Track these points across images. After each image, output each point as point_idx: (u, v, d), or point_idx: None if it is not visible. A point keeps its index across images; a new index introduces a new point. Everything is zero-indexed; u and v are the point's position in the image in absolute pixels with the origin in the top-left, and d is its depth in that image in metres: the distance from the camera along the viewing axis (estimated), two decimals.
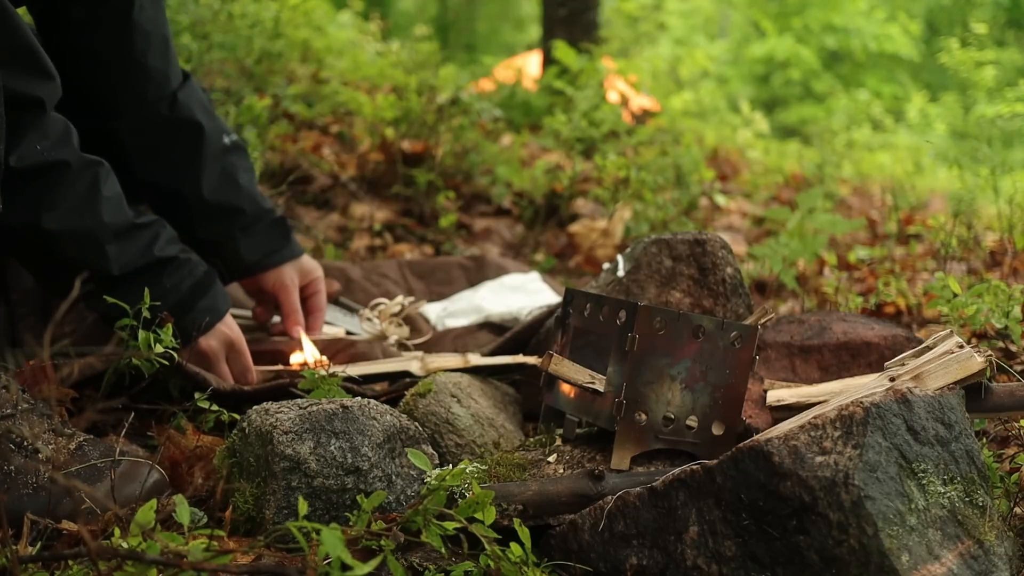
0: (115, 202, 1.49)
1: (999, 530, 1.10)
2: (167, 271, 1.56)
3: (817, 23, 16.19)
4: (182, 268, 1.58)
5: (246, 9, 3.69)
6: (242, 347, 1.68)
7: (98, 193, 1.46)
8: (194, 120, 1.75)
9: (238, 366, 1.69)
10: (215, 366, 1.65)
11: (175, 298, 1.56)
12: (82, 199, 1.44)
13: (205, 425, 1.57)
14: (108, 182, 1.49)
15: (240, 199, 1.81)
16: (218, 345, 1.64)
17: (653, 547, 1.13)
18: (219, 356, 1.65)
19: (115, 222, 1.48)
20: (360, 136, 3.77)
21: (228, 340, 1.65)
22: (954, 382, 1.23)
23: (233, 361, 1.68)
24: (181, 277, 1.57)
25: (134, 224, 1.52)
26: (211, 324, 1.61)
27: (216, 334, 1.63)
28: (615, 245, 3.11)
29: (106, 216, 1.47)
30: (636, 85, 5.41)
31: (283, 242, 1.87)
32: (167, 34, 1.74)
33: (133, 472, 1.29)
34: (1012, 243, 2.64)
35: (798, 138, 8.57)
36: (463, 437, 1.51)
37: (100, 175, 1.47)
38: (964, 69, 5.20)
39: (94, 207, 1.45)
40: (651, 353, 1.32)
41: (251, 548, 1.12)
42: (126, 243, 1.50)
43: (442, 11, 16.87)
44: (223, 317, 1.64)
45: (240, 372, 1.69)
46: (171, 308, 1.54)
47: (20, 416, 1.29)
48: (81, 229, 1.45)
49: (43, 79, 1.39)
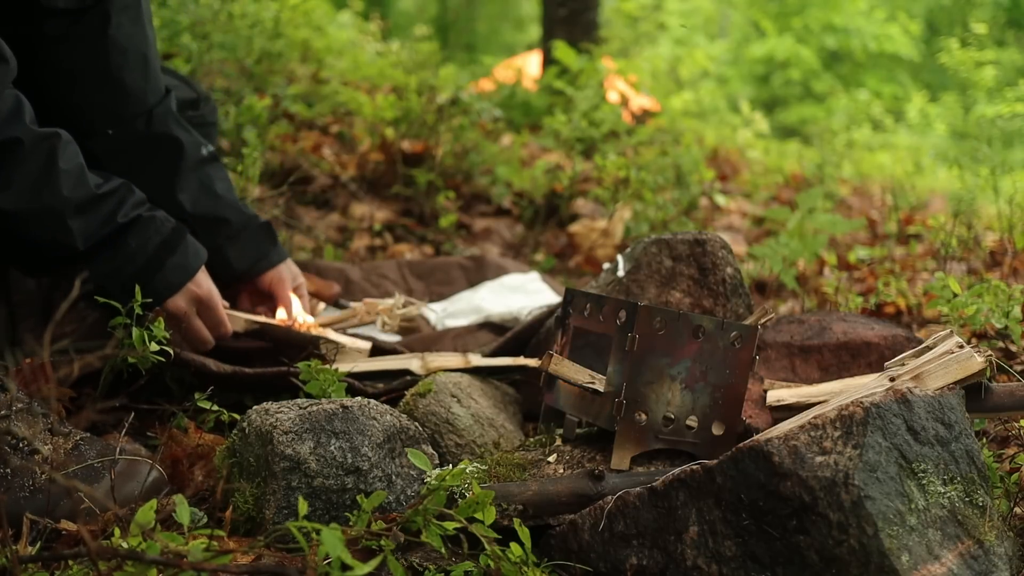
0: (75, 175, 1.44)
1: (999, 530, 1.10)
2: (132, 232, 1.51)
3: (817, 23, 16.18)
4: (147, 227, 1.53)
5: (246, 9, 3.69)
6: (212, 301, 1.64)
7: (55, 167, 1.41)
8: (171, 135, 1.74)
9: (210, 320, 1.66)
10: (187, 326, 1.63)
11: (143, 258, 1.52)
12: (38, 175, 1.39)
13: (206, 425, 1.57)
14: (66, 154, 1.43)
15: (222, 209, 1.80)
16: (186, 303, 1.61)
17: (653, 547, 1.13)
18: (189, 314, 1.62)
19: (76, 195, 1.44)
20: (360, 136, 3.77)
21: (196, 297, 1.62)
22: (954, 382, 1.23)
23: (205, 317, 1.65)
24: (147, 236, 1.53)
25: (96, 195, 1.47)
26: (181, 283, 1.58)
27: (183, 292, 1.60)
28: (615, 245, 3.11)
29: (66, 190, 1.42)
30: (636, 85, 5.41)
31: (270, 246, 1.87)
32: (147, 51, 1.71)
33: (132, 471, 1.29)
34: (1012, 243, 2.64)
35: (798, 138, 8.57)
36: (463, 437, 1.51)
37: (58, 148, 1.42)
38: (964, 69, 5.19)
39: (52, 182, 1.40)
40: (651, 353, 1.32)
41: (251, 548, 1.12)
42: (90, 215, 1.46)
43: (442, 11, 16.87)
44: (195, 275, 1.60)
45: (213, 326, 1.66)
46: (140, 269, 1.51)
47: (17, 416, 1.29)
48: (40, 207, 1.40)
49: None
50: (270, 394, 1.58)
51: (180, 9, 3.35)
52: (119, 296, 1.45)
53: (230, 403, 1.62)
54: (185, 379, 1.67)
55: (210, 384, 1.57)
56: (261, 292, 1.89)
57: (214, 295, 1.65)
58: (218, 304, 1.66)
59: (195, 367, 1.63)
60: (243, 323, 1.73)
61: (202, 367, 1.63)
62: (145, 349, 1.45)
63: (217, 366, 1.64)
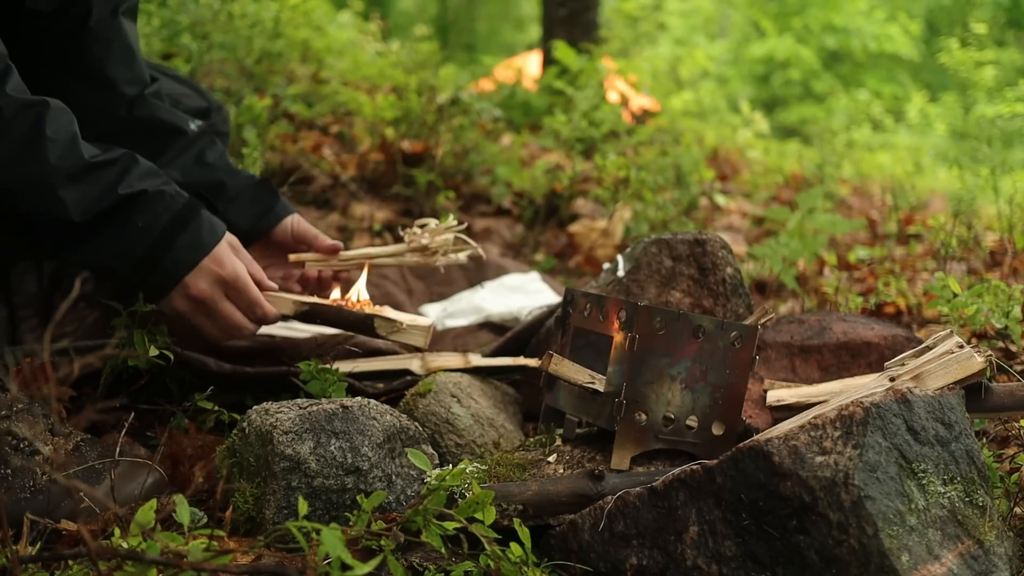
0: (65, 143, 1.35)
1: (999, 530, 1.10)
2: (137, 209, 1.40)
3: (817, 23, 16.19)
4: (155, 203, 1.41)
5: (246, 9, 3.70)
6: (239, 281, 1.48)
7: (41, 135, 1.32)
8: (155, 117, 1.70)
9: (242, 303, 1.50)
10: (216, 311, 1.48)
11: (150, 237, 1.40)
12: (22, 145, 1.32)
13: (206, 425, 1.57)
14: (54, 122, 1.35)
15: (215, 174, 1.72)
16: (209, 286, 1.46)
17: (653, 547, 1.13)
18: (215, 297, 1.47)
19: (66, 164, 1.34)
20: (360, 136, 3.78)
21: (219, 278, 1.46)
22: (954, 382, 1.24)
23: (236, 299, 1.50)
24: (156, 213, 1.41)
25: (92, 163, 1.37)
26: (194, 261, 1.44)
27: (204, 273, 1.45)
28: (615, 245, 3.11)
29: (53, 158, 1.33)
30: (636, 85, 5.41)
31: (273, 201, 1.76)
32: (131, 42, 1.68)
33: (132, 472, 1.29)
34: (1012, 243, 2.65)
35: (798, 138, 8.57)
36: (463, 437, 1.51)
37: (45, 116, 1.34)
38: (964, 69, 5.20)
39: (38, 151, 1.32)
40: (651, 353, 1.32)
41: (251, 548, 1.12)
42: (84, 185, 1.36)
43: (442, 11, 16.88)
44: (211, 251, 1.45)
45: (247, 308, 1.51)
46: (149, 248, 1.40)
47: (18, 416, 1.29)
48: (26, 177, 1.32)
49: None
50: (270, 394, 1.58)
51: (180, 9, 3.35)
52: (131, 279, 1.39)
53: (230, 403, 1.62)
54: (185, 378, 1.67)
55: (210, 383, 1.57)
56: (280, 249, 1.78)
57: (240, 274, 1.48)
58: (248, 284, 1.49)
59: (195, 366, 1.63)
60: (291, 305, 1.58)
61: (202, 366, 1.62)
62: (145, 352, 1.45)
63: (217, 365, 1.63)
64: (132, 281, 1.41)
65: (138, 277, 1.40)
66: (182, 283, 1.44)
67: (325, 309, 1.61)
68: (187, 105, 1.86)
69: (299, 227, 1.76)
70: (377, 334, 1.58)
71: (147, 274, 1.39)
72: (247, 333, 1.52)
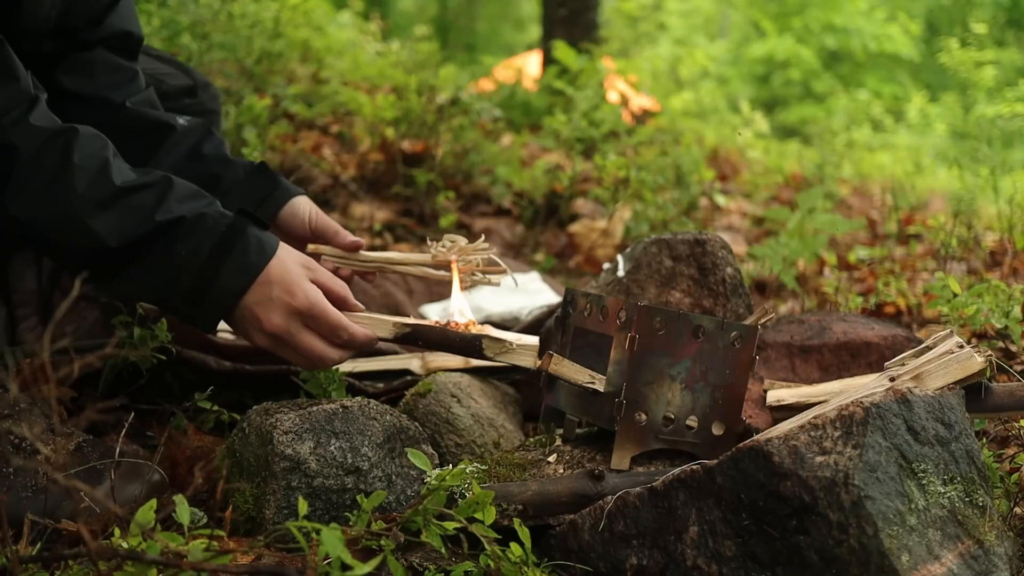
0: (94, 170, 1.28)
1: (999, 530, 1.10)
2: (178, 236, 1.29)
3: (817, 23, 16.19)
4: (196, 229, 1.30)
5: (246, 9, 3.70)
6: (315, 308, 1.33)
7: (68, 163, 1.26)
8: (142, 118, 1.64)
9: (324, 328, 1.34)
10: (295, 344, 1.34)
11: (194, 266, 1.29)
12: (49, 175, 1.26)
13: (206, 425, 1.57)
14: (83, 149, 1.28)
15: (210, 167, 1.64)
16: (283, 319, 1.32)
17: (653, 547, 1.13)
18: (292, 330, 1.33)
19: (95, 192, 1.27)
20: (360, 136, 3.78)
21: (293, 308, 1.32)
22: (954, 382, 1.24)
23: (315, 326, 1.34)
24: (197, 240, 1.30)
25: (122, 189, 1.28)
26: (243, 287, 1.31)
27: (275, 306, 1.31)
28: (615, 245, 3.11)
29: (81, 187, 1.26)
30: (636, 85, 5.41)
31: (271, 185, 1.65)
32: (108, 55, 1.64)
33: (133, 472, 1.29)
34: (1012, 243, 2.65)
35: (798, 138, 8.57)
36: (463, 437, 1.51)
37: (73, 143, 1.28)
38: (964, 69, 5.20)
39: (65, 180, 1.26)
40: (651, 353, 1.32)
41: (251, 548, 1.12)
42: (116, 212, 1.28)
43: (442, 11, 16.88)
44: (261, 272, 1.31)
45: (330, 333, 1.35)
46: (195, 278, 1.29)
47: (19, 416, 1.29)
48: (54, 208, 1.26)
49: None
50: (270, 393, 1.58)
51: (180, 9, 3.35)
52: (185, 311, 1.32)
53: (230, 403, 1.62)
54: (185, 377, 1.67)
55: (210, 382, 1.57)
56: (291, 238, 1.62)
57: (314, 301, 1.33)
58: (325, 309, 1.34)
59: (195, 364, 1.63)
60: (390, 328, 1.43)
61: (202, 364, 1.62)
62: (146, 349, 1.45)
63: (217, 363, 1.63)
64: (184, 313, 1.33)
65: (190, 308, 1.31)
66: (255, 318, 1.32)
67: (429, 331, 1.47)
68: (170, 85, 1.80)
69: (319, 220, 1.65)
70: (485, 356, 1.47)
71: (197, 305, 1.30)
72: (334, 362, 1.38)
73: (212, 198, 1.35)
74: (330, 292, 1.37)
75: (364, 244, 1.61)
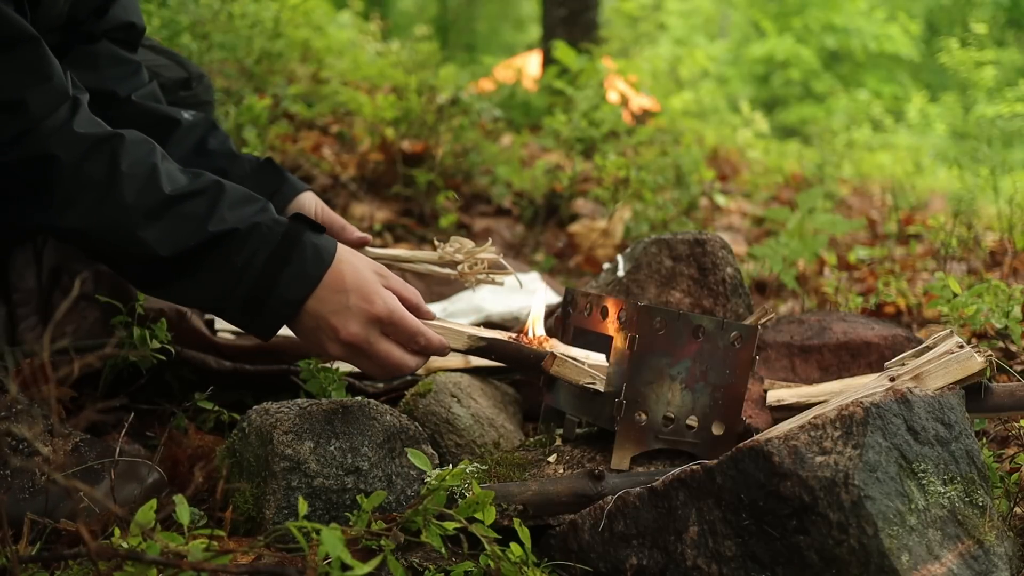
0: (142, 177, 1.23)
1: (999, 530, 1.10)
2: (233, 247, 1.25)
3: (817, 23, 16.20)
4: (251, 239, 1.25)
5: (246, 9, 3.70)
6: (394, 315, 1.28)
7: (116, 172, 1.22)
8: (148, 112, 1.64)
9: (401, 335, 1.30)
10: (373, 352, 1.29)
11: (251, 277, 1.25)
12: (96, 185, 1.22)
13: (206, 425, 1.57)
14: (130, 155, 1.24)
15: (216, 162, 1.62)
16: (362, 327, 1.27)
17: (653, 547, 1.13)
18: (371, 339, 1.28)
19: (145, 201, 1.22)
20: (360, 136, 3.78)
21: (372, 316, 1.27)
22: (954, 382, 1.24)
23: (393, 333, 1.30)
24: (253, 249, 1.25)
25: (173, 197, 1.24)
26: (302, 296, 1.26)
27: (353, 314, 1.26)
28: (615, 245, 3.11)
29: (130, 196, 1.21)
30: (636, 85, 5.42)
31: (278, 180, 1.64)
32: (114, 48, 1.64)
33: (132, 472, 1.29)
34: (1012, 243, 2.65)
35: (798, 138, 8.58)
36: (463, 437, 1.51)
37: (120, 150, 1.23)
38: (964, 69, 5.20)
39: (113, 190, 1.22)
40: (651, 353, 1.32)
41: (251, 548, 1.12)
42: (167, 222, 1.23)
43: (442, 11, 16.89)
44: (323, 277, 1.26)
45: (407, 339, 1.30)
46: (252, 289, 1.25)
47: (18, 417, 1.29)
48: (103, 218, 1.22)
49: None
50: (270, 392, 1.58)
51: (180, 9, 3.35)
52: (242, 320, 1.28)
53: (230, 403, 1.62)
54: (185, 377, 1.67)
55: (210, 381, 1.57)
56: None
57: (393, 308, 1.28)
58: (404, 316, 1.29)
59: (195, 364, 1.63)
60: (465, 340, 1.39)
61: (202, 364, 1.62)
62: (146, 349, 1.45)
63: (217, 363, 1.63)
64: (242, 323, 1.29)
65: (247, 318, 1.28)
66: (330, 328, 1.27)
67: (504, 346, 1.43)
68: (165, 77, 1.79)
69: (325, 216, 1.64)
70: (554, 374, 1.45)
71: (255, 315, 1.27)
72: (411, 369, 1.33)
73: (264, 201, 1.31)
74: (404, 299, 1.33)
75: (371, 240, 1.60)
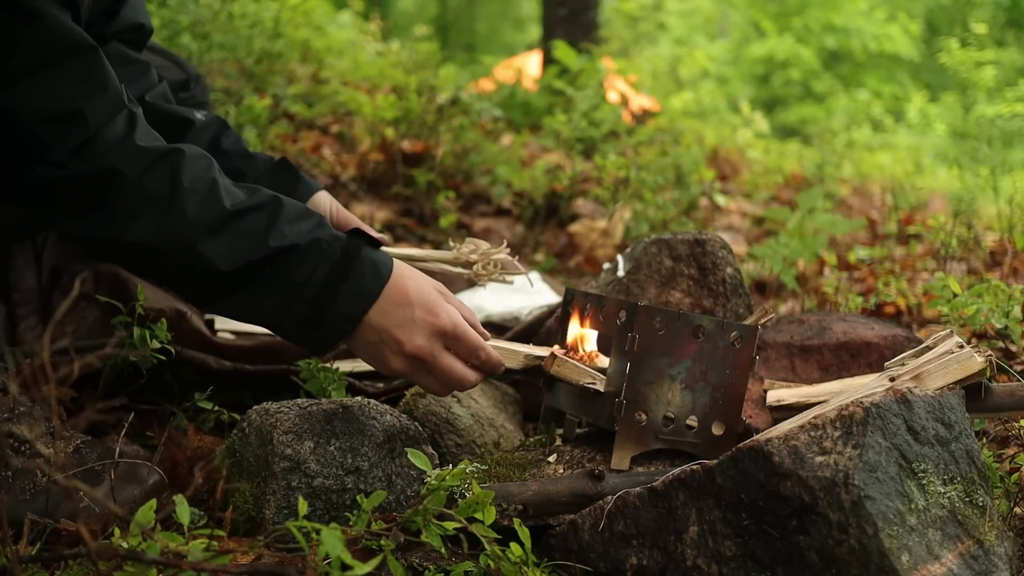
0: (204, 192, 1.23)
1: (999, 530, 1.10)
2: (292, 263, 1.25)
3: (817, 23, 16.19)
4: (311, 255, 1.25)
5: (246, 9, 3.70)
6: (458, 328, 1.29)
7: (178, 188, 1.22)
8: (162, 112, 1.63)
9: (463, 350, 1.31)
10: (436, 365, 1.30)
11: (310, 293, 1.25)
12: (159, 200, 1.22)
13: (206, 425, 1.57)
14: (191, 171, 1.24)
15: (231, 161, 1.62)
16: (427, 340, 1.28)
17: (653, 547, 1.13)
18: (435, 352, 1.29)
19: (207, 216, 1.22)
20: (360, 136, 3.78)
21: (437, 329, 1.28)
22: (954, 382, 1.23)
23: (455, 347, 1.31)
24: (312, 266, 1.25)
25: (233, 212, 1.24)
26: (360, 312, 1.27)
27: (419, 327, 1.27)
28: (615, 245, 3.11)
29: (192, 212, 1.21)
30: (636, 85, 5.42)
31: (293, 180, 1.65)
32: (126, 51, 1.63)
33: (132, 473, 1.29)
34: (1012, 243, 2.65)
35: (798, 138, 8.58)
36: (463, 437, 1.51)
37: (181, 165, 1.23)
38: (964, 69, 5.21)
39: (176, 205, 1.22)
40: (651, 353, 1.32)
41: (251, 548, 1.12)
42: (228, 237, 1.23)
43: (442, 11, 16.89)
44: (381, 292, 1.27)
45: (469, 354, 1.32)
46: (312, 306, 1.26)
47: (19, 418, 1.29)
48: (166, 234, 1.22)
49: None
50: (270, 393, 1.58)
51: (180, 9, 3.36)
52: (298, 336, 1.28)
53: (230, 403, 1.62)
54: (185, 377, 1.67)
55: (210, 381, 1.57)
56: None
57: (457, 321, 1.30)
58: (466, 330, 1.31)
59: (195, 364, 1.63)
60: (521, 359, 1.39)
61: (202, 364, 1.62)
62: (147, 348, 1.45)
63: (217, 363, 1.63)
64: (298, 338, 1.29)
65: (304, 334, 1.28)
66: (395, 341, 1.27)
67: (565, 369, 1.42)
68: (165, 78, 1.78)
69: (340, 215, 1.65)
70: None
71: (311, 331, 1.27)
72: (471, 384, 1.34)
73: (320, 216, 1.31)
74: (463, 316, 1.33)
75: (388, 241, 1.59)
